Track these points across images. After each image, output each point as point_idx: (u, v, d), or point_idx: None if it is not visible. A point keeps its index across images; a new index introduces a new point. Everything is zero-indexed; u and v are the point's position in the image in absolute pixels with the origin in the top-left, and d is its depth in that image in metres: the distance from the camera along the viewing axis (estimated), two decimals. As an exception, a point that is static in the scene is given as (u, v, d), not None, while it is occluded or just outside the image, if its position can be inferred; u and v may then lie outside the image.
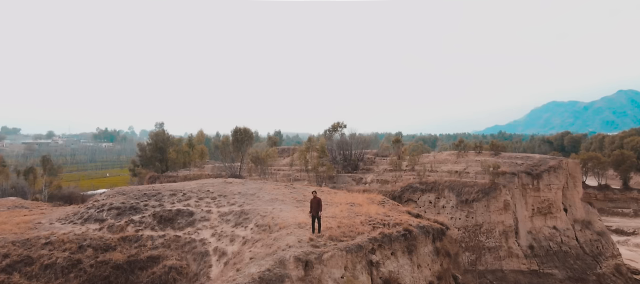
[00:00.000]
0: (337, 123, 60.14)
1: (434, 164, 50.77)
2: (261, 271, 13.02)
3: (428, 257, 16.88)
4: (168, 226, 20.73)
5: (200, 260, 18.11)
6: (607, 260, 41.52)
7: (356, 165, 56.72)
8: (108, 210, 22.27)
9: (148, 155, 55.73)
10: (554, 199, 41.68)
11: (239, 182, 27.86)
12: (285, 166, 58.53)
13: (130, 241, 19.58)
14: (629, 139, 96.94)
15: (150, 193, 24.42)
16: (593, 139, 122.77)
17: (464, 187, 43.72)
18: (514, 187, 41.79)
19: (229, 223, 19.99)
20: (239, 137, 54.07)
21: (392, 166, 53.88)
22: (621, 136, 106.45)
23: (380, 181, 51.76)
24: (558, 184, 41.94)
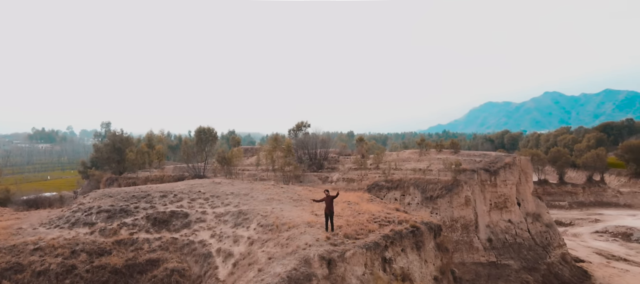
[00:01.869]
0: (301, 122, 60.61)
1: (398, 162, 52.75)
2: (288, 271, 13.25)
3: (432, 253, 17.96)
4: (163, 228, 20.28)
5: (202, 262, 17.97)
6: (554, 250, 45.47)
7: (321, 164, 57.53)
8: (97, 213, 21.32)
9: (105, 156, 52.95)
10: (509, 194, 44.98)
11: (228, 183, 27.64)
12: (249, 166, 58.09)
13: (125, 245, 18.96)
14: (561, 137, 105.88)
15: (139, 195, 23.63)
16: (529, 136, 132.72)
17: (428, 184, 45.88)
18: (474, 184, 44.52)
19: (227, 223, 19.92)
20: (203, 137, 52.96)
21: (356, 165, 55.23)
22: (555, 133, 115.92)
23: (346, 179, 52.90)
24: (513, 179, 45.31)
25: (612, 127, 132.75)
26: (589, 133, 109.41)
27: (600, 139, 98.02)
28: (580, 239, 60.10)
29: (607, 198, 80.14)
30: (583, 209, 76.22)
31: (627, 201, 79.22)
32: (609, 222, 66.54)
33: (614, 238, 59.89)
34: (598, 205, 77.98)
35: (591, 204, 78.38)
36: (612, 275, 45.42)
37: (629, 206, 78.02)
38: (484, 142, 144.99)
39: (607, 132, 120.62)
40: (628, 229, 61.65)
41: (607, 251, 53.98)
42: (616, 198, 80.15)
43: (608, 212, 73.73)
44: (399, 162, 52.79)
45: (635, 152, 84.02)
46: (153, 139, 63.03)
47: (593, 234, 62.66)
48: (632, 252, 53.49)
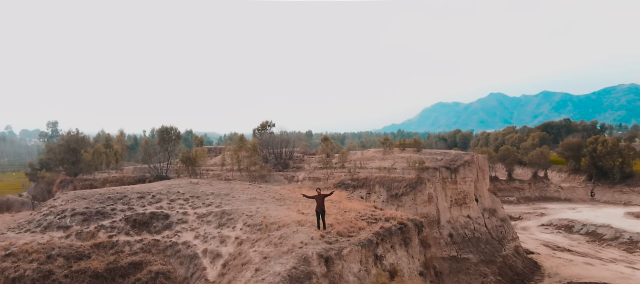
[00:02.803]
0: (266, 122, 60.44)
1: (363, 161, 53.97)
2: (287, 269, 13.43)
3: (417, 248, 18.81)
4: (144, 230, 19.76)
5: (188, 263, 17.75)
6: (508, 243, 48.45)
7: (287, 163, 57.69)
8: (71, 216, 20.35)
9: (58, 157, 50.07)
10: (468, 190, 47.38)
11: (206, 183, 27.23)
12: (213, 165, 57.14)
13: (105, 248, 18.32)
14: (509, 136, 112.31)
15: (115, 196, 22.78)
16: (479, 136, 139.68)
17: (393, 182, 47.33)
18: (436, 181, 46.48)
19: (210, 224, 19.76)
20: (165, 136, 51.51)
21: (322, 164, 55.88)
22: (503, 133, 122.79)
23: (312, 178, 53.40)
24: (472, 177, 47.79)
25: (552, 126, 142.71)
26: (533, 132, 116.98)
27: (543, 138, 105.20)
28: (528, 232, 64.21)
29: (550, 193, 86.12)
30: (529, 204, 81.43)
31: (568, 196, 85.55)
32: (553, 215, 71.53)
33: (558, 230, 64.55)
34: (542, 200, 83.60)
35: (536, 199, 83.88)
36: (559, 265, 49.01)
37: (569, 200, 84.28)
38: (438, 141, 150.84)
39: (547, 131, 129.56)
40: (570, 221, 66.56)
41: (553, 242, 58.13)
42: (558, 193, 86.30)
43: (551, 206, 79.26)
44: (363, 161, 54.03)
45: (574, 150, 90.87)
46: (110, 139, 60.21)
47: (539, 227, 67.19)
48: (574, 243, 57.96)
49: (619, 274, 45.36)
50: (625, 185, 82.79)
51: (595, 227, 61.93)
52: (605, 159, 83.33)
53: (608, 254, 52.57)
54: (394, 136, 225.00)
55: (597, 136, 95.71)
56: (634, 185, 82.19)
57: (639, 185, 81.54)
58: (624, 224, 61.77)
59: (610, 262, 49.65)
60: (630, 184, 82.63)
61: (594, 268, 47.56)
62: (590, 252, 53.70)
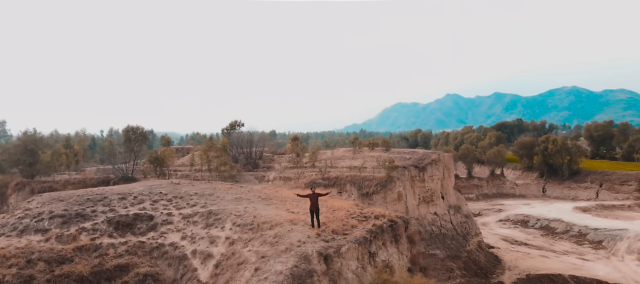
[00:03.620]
0: (235, 121, 59.82)
1: (333, 160, 54.66)
2: (289, 268, 13.59)
3: (405, 245, 19.49)
4: (128, 231, 19.25)
5: (177, 265, 17.53)
6: (472, 238, 50.72)
7: (256, 163, 57.42)
8: (49, 219, 19.46)
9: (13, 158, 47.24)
10: (435, 188, 49.18)
11: (187, 183, 26.73)
12: (181, 166, 55.92)
13: (88, 251, 17.73)
14: (467, 136, 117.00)
15: (94, 198, 21.95)
16: (440, 135, 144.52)
17: (364, 181, 48.30)
18: (405, 180, 47.89)
19: (197, 224, 19.57)
20: (132, 136, 49.88)
21: (292, 163, 56.07)
22: (461, 132, 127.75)
23: (283, 178, 53.49)
24: (438, 175, 49.63)
25: (506, 126, 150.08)
26: (490, 132, 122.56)
27: (499, 137, 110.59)
28: (488, 227, 67.36)
29: (506, 190, 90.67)
30: (488, 201, 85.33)
31: (522, 192, 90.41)
32: (509, 211, 75.41)
33: (515, 225, 68.17)
34: (499, 196, 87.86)
35: (494, 196, 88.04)
36: (517, 258, 51.85)
37: (523, 196, 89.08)
38: (400, 140, 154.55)
39: (502, 130, 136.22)
40: (525, 216, 70.42)
41: (511, 237, 61.37)
42: (513, 189, 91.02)
43: (508, 202, 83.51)
44: (334, 160, 54.73)
45: (527, 148, 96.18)
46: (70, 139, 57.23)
47: (498, 222, 70.65)
48: (530, 237, 61.47)
49: (571, 266, 48.63)
50: (573, 181, 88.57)
51: (548, 221, 65.86)
52: (555, 157, 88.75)
53: (561, 247, 56.17)
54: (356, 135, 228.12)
55: (548, 135, 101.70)
56: (580, 181, 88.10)
57: (585, 181, 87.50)
58: (573, 218, 66.10)
59: (563, 254, 53.08)
60: (577, 180, 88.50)
61: (549, 260, 50.69)
62: (544, 245, 57.14)
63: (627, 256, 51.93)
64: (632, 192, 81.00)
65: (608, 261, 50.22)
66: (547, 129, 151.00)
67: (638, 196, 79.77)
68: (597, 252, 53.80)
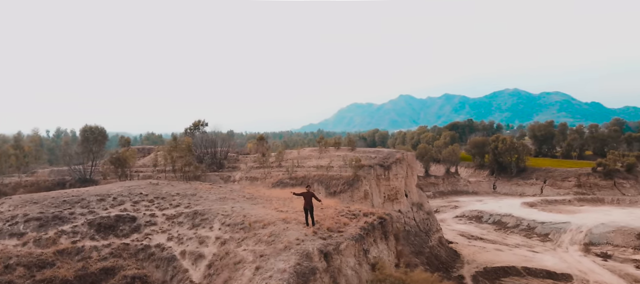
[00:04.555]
0: (199, 121, 58.69)
1: (299, 160, 55.03)
2: (292, 266, 13.75)
3: (393, 242, 20.23)
4: (110, 234, 18.63)
5: (166, 266, 17.26)
6: (434, 234, 52.94)
7: (221, 163, 56.65)
8: (25, 222, 18.40)
9: (-44, 159, 43.69)
10: (399, 186, 50.86)
11: (167, 184, 26.05)
12: (143, 166, 54.09)
13: (69, 254, 17.02)
14: (423, 135, 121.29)
15: (71, 200, 20.95)
16: (397, 135, 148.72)
17: (331, 180, 49.07)
18: (371, 178, 49.16)
19: (182, 225, 19.31)
20: (90, 136, 47.71)
21: (258, 163, 55.87)
22: (418, 132, 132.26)
23: (250, 178, 53.20)
24: (402, 173, 51.35)
25: (458, 126, 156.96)
26: (444, 132, 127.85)
27: (453, 137, 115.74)
28: (446, 223, 70.43)
29: (461, 187, 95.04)
30: (444, 198, 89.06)
31: (474, 189, 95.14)
32: (464, 207, 79.20)
33: (470, 221, 71.74)
34: (454, 193, 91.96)
35: (449, 193, 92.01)
36: (474, 252, 54.72)
37: (476, 193, 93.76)
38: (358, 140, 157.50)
39: (454, 130, 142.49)
40: (479, 212, 74.27)
41: (467, 232, 64.57)
42: (467, 187, 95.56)
43: (462, 199, 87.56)
44: (300, 160, 55.11)
45: (479, 147, 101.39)
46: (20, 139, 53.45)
47: (454, 218, 74.05)
48: (484, 232, 64.97)
49: (523, 258, 51.99)
50: (520, 178, 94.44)
51: (500, 217, 69.86)
52: (504, 155, 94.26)
53: (512, 240, 59.86)
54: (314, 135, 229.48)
55: (497, 134, 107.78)
56: (526, 178, 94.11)
57: (530, 178, 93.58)
58: (522, 213, 70.55)
59: (515, 247, 56.62)
60: (524, 177, 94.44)
61: (503, 253, 53.92)
62: (498, 239, 60.65)
63: (571, 247, 56.22)
64: (572, 187, 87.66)
65: (555, 253, 54.13)
66: (495, 129, 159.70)
67: (577, 191, 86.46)
68: (545, 244, 57.80)
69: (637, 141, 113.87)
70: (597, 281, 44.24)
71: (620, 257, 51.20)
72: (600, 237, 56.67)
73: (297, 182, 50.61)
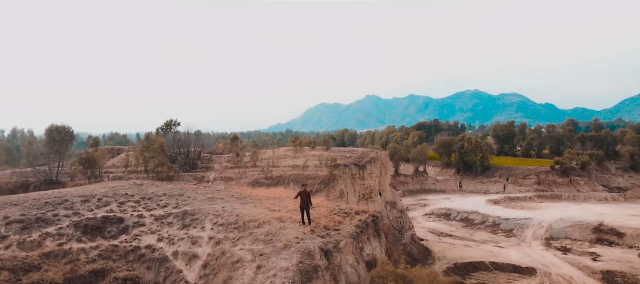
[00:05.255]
0: (171, 120, 57.49)
1: (275, 160, 54.99)
2: (295, 264, 13.88)
3: (384, 239, 20.71)
4: (98, 236, 18.15)
5: (158, 268, 17.05)
6: (407, 232, 54.31)
7: (195, 164, 55.75)
8: (6, 225, 17.57)
9: None
10: (374, 186, 51.85)
11: (151, 184, 25.47)
12: (113, 167, 52.41)
13: (56, 257, 16.49)
14: (393, 135, 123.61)
15: (54, 202, 20.15)
16: (366, 135, 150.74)
17: (307, 180, 49.36)
18: (346, 178, 49.85)
19: (172, 226, 19.09)
20: (56, 137, 45.85)
21: (232, 163, 55.41)
22: (387, 131, 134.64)
23: (225, 178, 52.67)
24: (377, 173, 52.37)
25: (425, 126, 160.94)
26: (413, 132, 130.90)
27: (422, 137, 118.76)
28: (416, 221, 72.27)
29: (429, 186, 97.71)
30: (413, 196, 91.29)
31: (442, 187, 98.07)
32: (433, 205, 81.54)
33: (439, 219, 73.98)
34: (423, 192, 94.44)
35: (418, 192, 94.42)
36: (445, 249, 56.55)
37: (443, 191, 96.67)
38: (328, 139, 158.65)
39: (421, 130, 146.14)
40: (447, 210, 76.70)
41: (437, 229, 66.57)
42: (435, 185, 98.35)
43: (431, 197, 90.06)
44: (275, 160, 55.05)
45: (446, 147, 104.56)
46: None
47: (424, 216, 76.10)
48: (453, 229, 67.20)
49: (490, 253, 54.21)
50: (485, 177, 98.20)
51: (467, 214, 72.43)
52: (470, 154, 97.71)
53: (480, 237, 62.28)
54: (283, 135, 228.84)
55: (463, 134, 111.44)
56: (490, 176, 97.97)
57: (494, 176, 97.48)
58: (487, 210, 73.46)
59: (482, 243, 58.93)
60: (488, 175, 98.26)
61: (472, 249, 56.01)
62: (466, 236, 62.91)
63: (534, 242, 59.09)
64: (533, 185, 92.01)
65: (519, 248, 56.74)
66: (460, 129, 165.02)
67: (537, 189, 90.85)
68: (510, 240, 60.46)
69: (590, 141, 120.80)
70: (559, 273, 46.70)
71: (578, 250, 54.26)
72: (559, 232, 59.81)
73: (273, 183, 50.59)
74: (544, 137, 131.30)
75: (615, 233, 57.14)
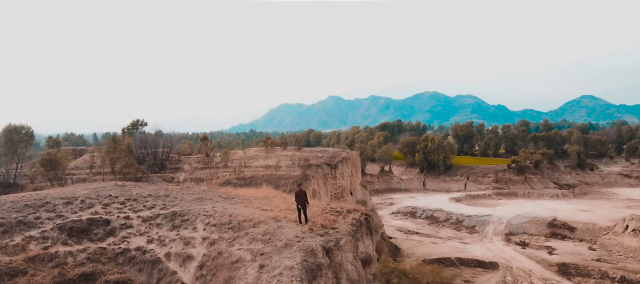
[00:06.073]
0: (137, 120, 55.80)
1: (246, 160, 54.69)
2: (299, 262, 14.00)
3: (374, 237, 21.21)
4: (84, 238, 17.55)
5: (150, 269, 16.79)
6: (377, 230, 55.59)
7: (163, 164, 54.47)
8: None
9: None
10: (345, 185, 52.74)
11: (133, 185, 24.70)
12: (75, 169, 50.18)
13: (42, 261, 15.87)
14: (358, 135, 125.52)
15: (34, 204, 19.19)
16: (331, 134, 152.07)
17: (280, 179, 49.56)
18: (319, 177, 50.45)
19: (161, 227, 18.79)
20: (14, 137, 43.45)
21: (203, 164, 54.60)
22: (352, 131, 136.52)
23: (195, 179, 51.87)
24: (348, 172, 53.29)
25: (388, 126, 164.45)
26: (377, 132, 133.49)
27: (387, 137, 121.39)
28: (384, 220, 73.83)
29: (394, 185, 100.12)
30: (379, 195, 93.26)
31: (407, 186, 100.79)
32: (399, 204, 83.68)
33: (405, 217, 76.03)
34: (389, 191, 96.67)
35: (384, 191, 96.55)
36: (413, 246, 58.29)
37: (408, 190, 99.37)
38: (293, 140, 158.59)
39: (385, 130, 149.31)
40: (413, 208, 78.94)
41: (404, 227, 68.43)
42: (399, 184, 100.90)
43: (396, 196, 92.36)
44: (246, 160, 54.77)
45: (410, 147, 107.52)
46: None
47: (391, 215, 77.94)
48: (419, 226, 69.30)
49: (455, 249, 56.43)
50: (447, 175, 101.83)
51: (432, 212, 74.89)
52: (433, 154, 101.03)
53: (445, 233, 64.63)
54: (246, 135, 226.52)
55: (427, 134, 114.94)
56: (452, 175, 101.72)
57: (456, 175, 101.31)
58: (451, 207, 76.28)
59: (447, 239, 61.20)
60: (450, 174, 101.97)
61: (438, 246, 58.08)
62: (432, 233, 65.08)
63: (495, 237, 62.07)
64: (491, 183, 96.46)
65: (482, 243, 59.41)
66: (421, 129, 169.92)
67: (495, 186, 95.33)
68: (472, 236, 63.15)
69: (541, 140, 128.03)
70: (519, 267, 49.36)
71: (535, 245, 57.53)
72: (517, 227, 63.15)
73: (245, 183, 50.36)
74: (500, 137, 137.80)
75: (567, 227, 61.01)
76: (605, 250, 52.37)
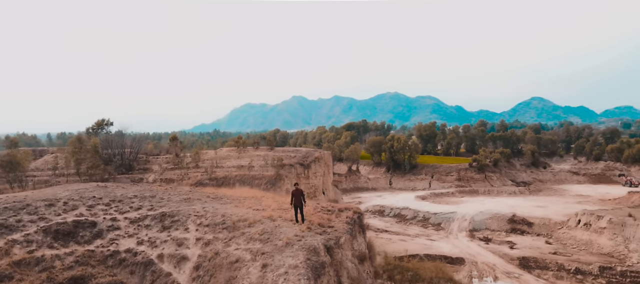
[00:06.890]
0: (102, 120, 53.77)
1: (218, 160, 54.01)
2: (302, 261, 14.14)
3: (366, 234, 21.65)
4: (70, 241, 16.95)
5: (143, 271, 16.51)
6: (348, 226, 56.54)
7: (131, 165, 52.82)
8: None
9: None
10: (318, 184, 53.24)
11: (116, 186, 23.86)
12: (36, 170, 47.72)
13: (28, 265, 15.23)
14: (325, 135, 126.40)
15: (13, 206, 18.20)
16: (298, 134, 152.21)
17: (253, 180, 49.36)
18: (292, 177, 50.66)
19: (150, 228, 18.46)
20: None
21: (173, 164, 53.46)
22: (319, 131, 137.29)
23: (165, 180, 50.70)
24: (321, 172, 53.79)
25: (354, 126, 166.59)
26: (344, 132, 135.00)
27: (353, 136, 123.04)
28: (353, 217, 75.25)
29: (361, 184, 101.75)
30: (347, 194, 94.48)
31: (374, 185, 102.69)
32: (367, 203, 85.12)
33: (374, 215, 77.50)
34: (357, 190, 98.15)
35: (352, 190, 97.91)
36: (383, 244, 59.62)
37: (375, 189, 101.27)
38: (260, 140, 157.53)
39: (351, 130, 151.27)
40: (381, 207, 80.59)
41: (374, 226, 69.77)
42: (367, 183, 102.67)
43: (364, 195, 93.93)
44: (218, 160, 54.08)
45: (377, 146, 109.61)
46: None
47: (360, 212, 79.33)
48: (388, 224, 70.90)
49: (424, 246, 58.30)
50: (412, 174, 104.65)
51: (399, 210, 76.79)
52: (399, 153, 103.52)
53: (413, 231, 66.53)
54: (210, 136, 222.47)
55: (393, 134, 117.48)
56: (417, 174, 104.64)
57: (420, 174, 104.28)
58: (417, 205, 78.52)
59: (415, 237, 63.08)
60: (415, 173, 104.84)
61: (407, 243, 59.76)
62: (400, 230, 66.82)
63: (459, 234, 64.58)
64: (454, 181, 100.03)
65: (448, 240, 61.67)
66: (386, 129, 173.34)
67: (458, 185, 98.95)
68: (439, 233, 65.40)
69: (498, 140, 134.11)
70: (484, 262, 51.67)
71: (497, 240, 60.35)
72: (480, 224, 65.96)
73: (217, 183, 49.79)
74: (461, 136, 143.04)
75: (526, 222, 64.40)
76: (561, 243, 55.71)
